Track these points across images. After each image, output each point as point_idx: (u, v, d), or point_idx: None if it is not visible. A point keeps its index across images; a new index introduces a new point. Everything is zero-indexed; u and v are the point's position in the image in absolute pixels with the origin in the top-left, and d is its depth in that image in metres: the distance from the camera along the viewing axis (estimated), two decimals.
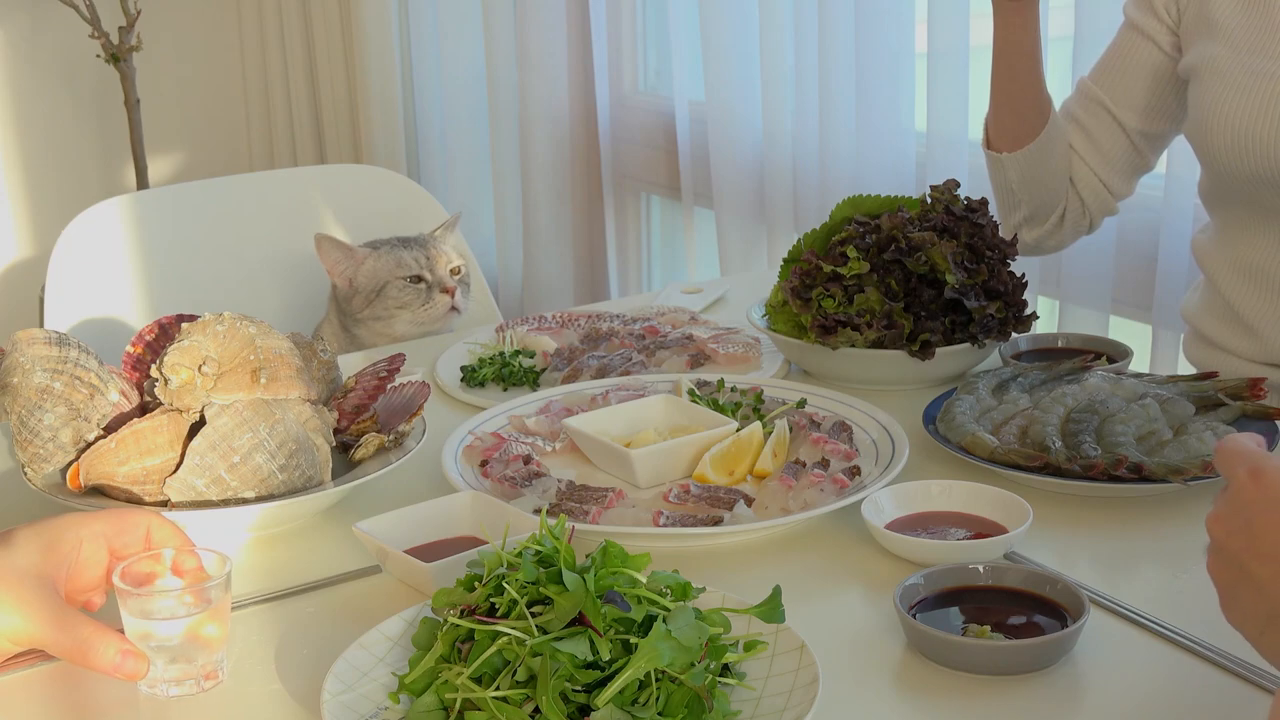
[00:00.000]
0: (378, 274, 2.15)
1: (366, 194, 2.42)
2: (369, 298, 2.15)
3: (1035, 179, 1.91)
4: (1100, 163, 1.92)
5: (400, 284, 2.14)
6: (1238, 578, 0.96)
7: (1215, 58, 1.74)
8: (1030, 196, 1.93)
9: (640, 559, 1.09)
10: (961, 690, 1.12)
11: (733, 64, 2.86)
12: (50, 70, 3.87)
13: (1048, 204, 1.93)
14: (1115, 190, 1.93)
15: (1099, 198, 1.93)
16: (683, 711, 1.01)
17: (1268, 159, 1.67)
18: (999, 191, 1.96)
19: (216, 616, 1.15)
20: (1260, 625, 0.96)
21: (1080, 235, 1.99)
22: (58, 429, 1.40)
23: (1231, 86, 1.71)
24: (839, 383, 1.71)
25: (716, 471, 1.47)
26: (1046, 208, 1.94)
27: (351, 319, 2.19)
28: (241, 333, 1.41)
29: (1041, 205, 1.93)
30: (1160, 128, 1.90)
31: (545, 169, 3.30)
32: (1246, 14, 1.73)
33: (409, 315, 2.15)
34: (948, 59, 2.46)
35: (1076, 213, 1.94)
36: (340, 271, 2.17)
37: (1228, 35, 1.74)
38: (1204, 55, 1.76)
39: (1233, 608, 0.98)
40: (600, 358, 1.80)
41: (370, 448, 1.46)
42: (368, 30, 3.66)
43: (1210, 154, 1.75)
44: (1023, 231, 1.96)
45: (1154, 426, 1.48)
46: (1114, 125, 1.90)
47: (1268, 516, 0.94)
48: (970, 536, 1.32)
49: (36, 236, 3.91)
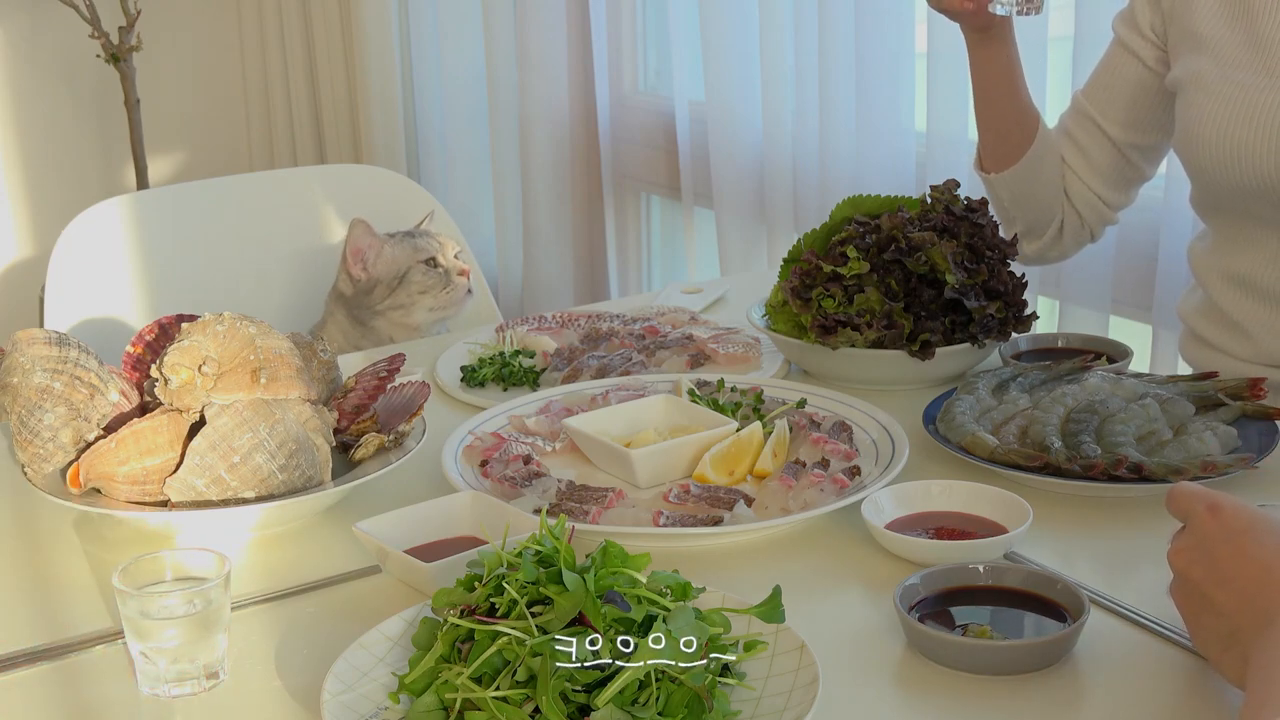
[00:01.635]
0: (398, 260, 2.21)
1: (366, 194, 2.42)
2: (391, 286, 2.21)
3: (1026, 195, 1.92)
4: (1092, 175, 1.92)
5: (422, 269, 2.21)
6: (1200, 606, 1.07)
7: (1201, 72, 1.74)
8: (1023, 212, 1.94)
9: (640, 559, 1.09)
10: (961, 690, 1.12)
11: (733, 64, 2.86)
12: (50, 70, 3.87)
13: (1042, 219, 1.94)
14: (1110, 202, 1.94)
15: (1095, 210, 1.94)
16: (683, 711, 1.01)
17: (1254, 171, 1.67)
18: (994, 208, 1.95)
19: (216, 616, 1.15)
20: (1222, 645, 1.05)
21: (1083, 245, 2.00)
22: (58, 429, 1.40)
23: (1217, 99, 1.71)
24: (839, 383, 1.71)
25: (716, 471, 1.47)
26: (1042, 222, 1.94)
27: (369, 311, 2.22)
28: (241, 333, 1.41)
29: (1036, 220, 1.94)
30: (1150, 140, 1.90)
31: (545, 169, 3.30)
32: (1231, 28, 1.73)
33: (430, 300, 2.21)
34: (948, 59, 2.46)
35: (1075, 225, 1.95)
36: (362, 259, 2.22)
37: (1213, 49, 1.74)
38: (1190, 69, 1.76)
39: (1197, 633, 1.08)
40: (600, 358, 1.80)
41: (370, 448, 1.46)
42: (368, 30, 3.66)
43: (1198, 167, 1.75)
44: (1022, 245, 1.95)
45: (1154, 426, 1.48)
46: (1103, 138, 1.90)
47: (1226, 546, 1.05)
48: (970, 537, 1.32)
49: (36, 236, 3.91)
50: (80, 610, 1.29)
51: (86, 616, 1.27)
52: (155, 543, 1.37)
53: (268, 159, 4.13)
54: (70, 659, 1.21)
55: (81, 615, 1.28)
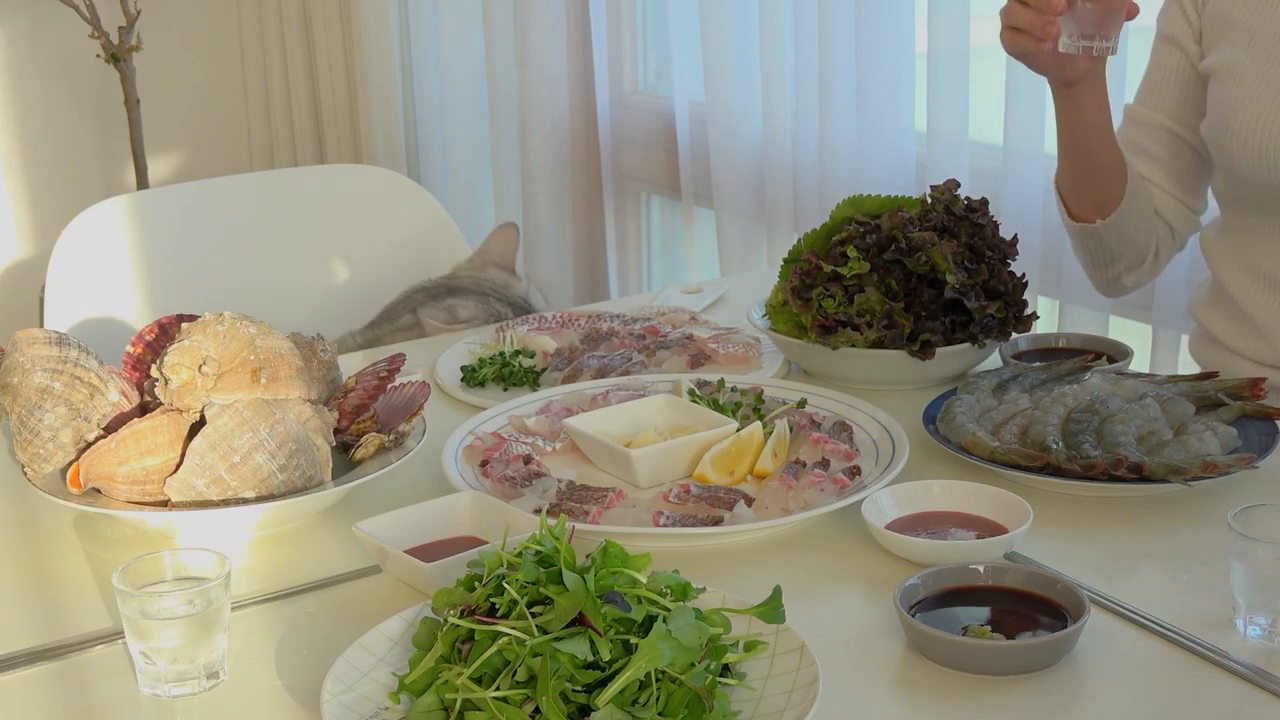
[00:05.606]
0: None
1: (366, 194, 2.42)
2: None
3: (1131, 232, 1.84)
4: (1175, 184, 1.86)
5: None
6: None
7: (1235, 62, 1.72)
8: (1128, 249, 1.86)
9: (640, 559, 1.09)
10: (961, 690, 1.12)
11: (733, 64, 2.85)
12: (50, 70, 3.86)
13: (1144, 247, 1.87)
14: (1196, 206, 1.88)
15: (1181, 216, 1.88)
16: (683, 711, 1.01)
17: None
18: (1090, 254, 1.88)
19: (216, 616, 1.15)
20: None
21: (1173, 256, 1.94)
22: (58, 429, 1.40)
23: (1251, 93, 1.69)
24: (839, 383, 1.71)
25: (716, 471, 1.47)
26: (1143, 250, 1.87)
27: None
28: (241, 333, 1.41)
29: (1139, 251, 1.87)
30: None
31: (545, 169, 3.30)
32: (1261, 16, 1.72)
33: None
34: (948, 59, 2.46)
35: (1167, 240, 1.89)
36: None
37: (1247, 37, 1.72)
38: (1224, 58, 1.74)
39: None
40: (600, 358, 1.80)
41: (370, 448, 1.46)
42: (368, 30, 3.66)
43: (1229, 159, 1.73)
44: (1124, 279, 1.90)
45: (1154, 426, 1.48)
46: (1179, 142, 1.84)
47: None
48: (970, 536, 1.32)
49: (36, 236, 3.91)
50: (80, 610, 1.29)
51: (86, 616, 1.27)
52: (155, 543, 1.37)
53: (268, 159, 4.12)
54: (70, 659, 1.21)
55: (81, 615, 1.28)
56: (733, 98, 2.87)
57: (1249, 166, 1.70)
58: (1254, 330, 1.77)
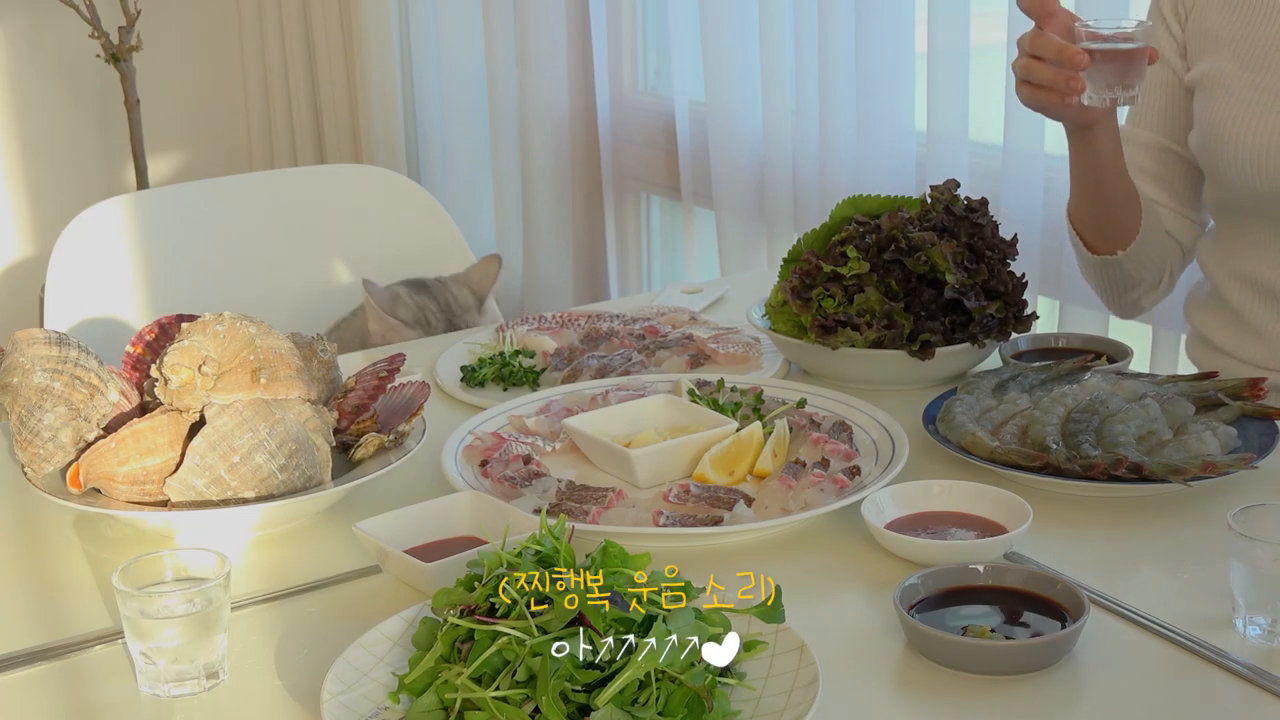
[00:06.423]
0: None
1: (366, 194, 2.42)
2: None
3: (1149, 257, 1.83)
4: (1178, 200, 1.86)
5: None
6: None
7: (1221, 73, 1.72)
8: (1148, 273, 1.86)
9: (640, 559, 1.09)
10: (961, 690, 1.12)
11: (733, 64, 2.85)
12: (50, 70, 3.86)
13: (1160, 268, 1.87)
14: (1199, 219, 1.88)
15: (1191, 233, 1.87)
16: (683, 711, 1.01)
17: (1277, 176, 1.66)
18: (1110, 283, 1.88)
19: (216, 616, 1.15)
20: None
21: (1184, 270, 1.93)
22: (58, 429, 1.40)
23: (1239, 103, 1.69)
24: (839, 383, 1.71)
25: (716, 471, 1.47)
26: (1160, 271, 1.87)
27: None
28: (241, 333, 1.41)
29: (1156, 273, 1.87)
30: None
31: (545, 169, 3.30)
32: (1244, 27, 1.72)
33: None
34: (948, 59, 2.46)
35: (1179, 258, 1.88)
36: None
37: (1231, 48, 1.72)
38: (1209, 69, 1.74)
39: None
40: (600, 358, 1.80)
41: (370, 448, 1.46)
42: (368, 30, 3.66)
43: (1219, 170, 1.73)
44: (1143, 301, 1.90)
45: (1154, 426, 1.48)
46: (1174, 157, 1.84)
47: None
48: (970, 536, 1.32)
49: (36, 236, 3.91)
50: (80, 610, 1.29)
51: (86, 616, 1.27)
52: (155, 543, 1.37)
53: (268, 159, 4.12)
54: (70, 659, 1.21)
55: (81, 615, 1.28)
56: (733, 98, 2.87)
57: (1239, 176, 1.70)
58: (1249, 334, 1.78)
